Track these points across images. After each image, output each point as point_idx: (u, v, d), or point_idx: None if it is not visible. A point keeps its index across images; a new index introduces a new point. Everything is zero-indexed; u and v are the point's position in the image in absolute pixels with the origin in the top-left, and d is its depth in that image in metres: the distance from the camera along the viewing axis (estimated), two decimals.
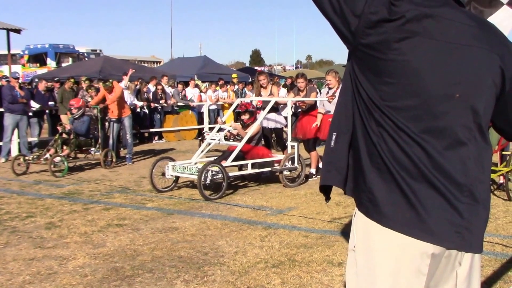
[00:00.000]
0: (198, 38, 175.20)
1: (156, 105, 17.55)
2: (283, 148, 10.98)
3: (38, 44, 33.46)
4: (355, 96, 1.93)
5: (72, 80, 15.65)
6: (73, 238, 6.44)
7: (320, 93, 11.29)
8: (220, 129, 10.27)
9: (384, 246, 1.86)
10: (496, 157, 8.55)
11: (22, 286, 4.91)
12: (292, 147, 9.83)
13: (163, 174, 9.17)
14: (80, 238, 6.42)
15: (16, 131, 13.28)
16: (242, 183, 9.99)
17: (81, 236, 6.52)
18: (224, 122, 11.38)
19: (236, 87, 20.95)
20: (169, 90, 18.71)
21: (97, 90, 13.04)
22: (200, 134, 15.83)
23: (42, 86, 15.41)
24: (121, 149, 13.85)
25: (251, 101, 10.58)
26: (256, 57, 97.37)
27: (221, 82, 20.53)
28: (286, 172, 9.71)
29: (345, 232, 6.41)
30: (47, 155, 11.14)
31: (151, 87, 17.87)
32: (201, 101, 18.89)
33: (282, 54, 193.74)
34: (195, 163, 9.26)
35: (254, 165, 9.35)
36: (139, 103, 16.97)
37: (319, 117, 9.96)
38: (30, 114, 14.00)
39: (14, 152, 13.43)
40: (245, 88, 20.50)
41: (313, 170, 10.37)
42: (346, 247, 5.61)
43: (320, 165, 10.25)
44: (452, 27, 1.82)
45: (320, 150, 10.34)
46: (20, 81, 14.20)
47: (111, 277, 5.06)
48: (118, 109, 12.32)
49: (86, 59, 32.41)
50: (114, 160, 12.20)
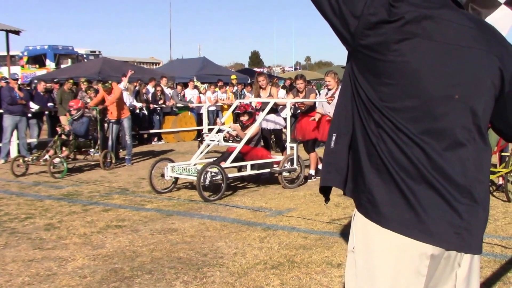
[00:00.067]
0: (197, 39, 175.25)
1: (155, 106, 17.55)
2: (282, 149, 10.98)
3: (37, 46, 33.45)
4: (354, 97, 1.93)
5: (71, 81, 15.64)
6: (72, 239, 6.44)
7: (319, 94, 11.30)
8: (219, 130, 10.28)
9: (384, 247, 1.86)
10: (495, 158, 8.57)
11: (21, 287, 4.91)
12: (291, 148, 9.84)
13: (162, 175, 9.17)
14: (79, 239, 6.42)
15: (15, 132, 13.28)
16: (241, 184, 9.99)
17: (80, 237, 6.52)
18: (223, 123, 11.38)
19: (235, 88, 20.94)
20: (168, 91, 18.71)
21: (96, 91, 13.03)
22: (199, 135, 15.82)
23: (41, 87, 15.40)
24: (120, 150, 13.85)
25: (250, 102, 10.58)
26: (255, 58, 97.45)
27: (220, 83, 20.53)
28: (285, 173, 9.71)
29: (344, 233, 6.41)
30: (47, 156, 11.14)
31: (150, 88, 17.86)
32: (200, 102, 18.86)
33: (281, 56, 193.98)
34: (194, 164, 9.26)
35: (253, 166, 9.35)
36: (138, 104, 16.96)
37: (317, 115, 9.96)
38: (29, 115, 14.01)
39: (14, 153, 13.43)
40: (244, 89, 20.52)
41: (312, 171, 10.37)
42: (345, 248, 5.61)
43: (319, 166, 10.26)
44: (451, 28, 1.82)
45: (319, 151, 10.35)
46: (19, 82, 14.21)
47: (110, 278, 5.06)
48: (117, 110, 12.32)
49: (85, 60, 32.46)
50: (113, 161, 12.21)
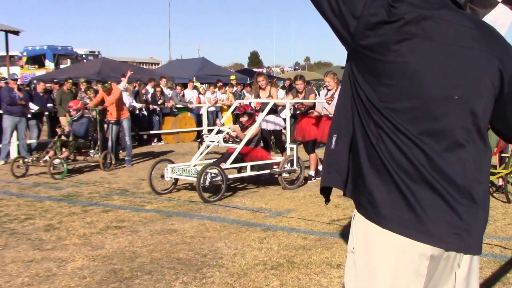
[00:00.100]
0: (196, 40, 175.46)
1: (154, 107, 17.54)
2: (282, 150, 10.97)
3: (36, 46, 33.47)
4: (354, 98, 1.93)
5: (71, 81, 15.62)
6: (72, 240, 6.43)
7: (319, 94, 11.29)
8: (219, 131, 10.27)
9: (383, 247, 1.86)
10: (495, 159, 8.57)
11: None
12: (291, 149, 9.84)
13: (162, 176, 9.18)
14: (79, 240, 6.41)
15: (15, 133, 13.27)
16: (241, 185, 9.99)
17: (80, 238, 6.52)
18: (223, 124, 11.38)
19: (235, 89, 20.93)
20: (167, 92, 18.70)
21: (96, 92, 13.03)
22: (199, 136, 15.82)
23: (40, 88, 15.40)
24: (120, 151, 13.85)
25: (250, 103, 10.58)
26: (255, 58, 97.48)
27: (220, 84, 20.53)
28: (285, 174, 9.71)
29: (344, 234, 6.41)
30: (46, 157, 11.13)
31: (150, 88, 17.85)
32: (199, 103, 18.85)
33: (280, 56, 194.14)
34: (194, 165, 9.25)
35: (253, 167, 9.35)
36: (138, 105, 16.95)
37: (315, 112, 9.98)
38: (29, 116, 14.00)
39: (13, 154, 13.43)
40: (243, 90, 20.50)
41: (312, 172, 10.37)
42: (345, 249, 5.61)
43: (319, 167, 10.27)
44: (451, 29, 1.82)
45: (319, 152, 10.35)
46: (18, 82, 14.19)
47: (110, 279, 5.06)
48: (116, 111, 12.31)
49: (85, 60, 32.47)
50: (113, 162, 12.21)
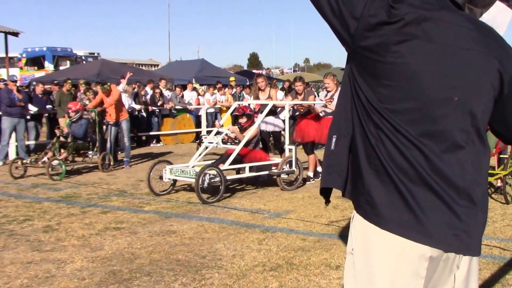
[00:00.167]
0: (196, 41, 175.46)
1: (154, 108, 17.53)
2: (281, 151, 10.97)
3: (36, 47, 33.47)
4: (353, 99, 1.93)
5: (70, 82, 15.61)
6: (71, 241, 6.43)
7: (318, 96, 11.30)
8: (218, 133, 10.27)
9: (382, 248, 1.86)
10: (493, 160, 8.57)
11: None
12: (290, 150, 9.84)
13: (161, 178, 9.17)
14: (78, 242, 6.41)
15: (13, 135, 13.27)
16: (239, 187, 9.99)
17: (79, 239, 6.51)
18: (222, 126, 11.38)
19: (234, 90, 20.93)
20: (167, 93, 18.70)
21: (95, 93, 13.02)
22: (198, 137, 15.80)
23: (39, 89, 15.39)
24: (119, 152, 13.83)
25: (249, 104, 10.58)
26: (254, 60, 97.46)
27: (219, 85, 20.51)
28: (283, 176, 9.71)
29: (343, 235, 6.41)
30: (45, 159, 11.13)
31: (149, 90, 17.85)
32: (199, 104, 18.86)
33: (280, 57, 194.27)
34: (193, 167, 9.25)
35: (251, 169, 9.35)
36: (137, 106, 16.94)
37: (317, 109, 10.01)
38: (28, 117, 13.99)
39: (12, 155, 13.41)
40: (243, 91, 20.50)
41: (310, 174, 10.37)
42: (344, 250, 5.61)
43: (318, 169, 10.27)
44: (451, 30, 1.82)
45: (318, 153, 10.35)
46: (18, 84, 14.18)
47: (109, 280, 5.06)
48: (116, 113, 12.31)
49: (84, 62, 32.47)
50: (111, 163, 12.20)
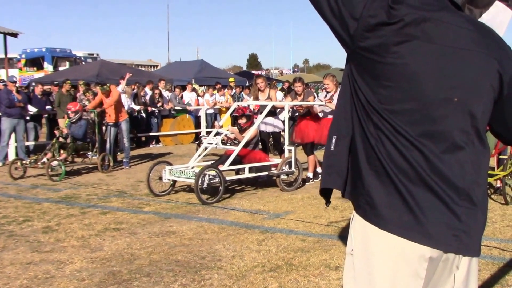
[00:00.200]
0: (195, 42, 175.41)
1: (153, 109, 17.52)
2: (281, 152, 10.98)
3: (35, 48, 33.48)
4: (353, 99, 1.93)
5: (69, 82, 15.59)
6: (70, 242, 6.43)
7: (317, 96, 11.30)
8: (217, 133, 10.27)
9: (382, 249, 1.86)
10: (493, 161, 8.57)
11: None
12: (289, 151, 9.84)
13: (160, 178, 9.16)
14: (77, 242, 6.41)
15: (13, 135, 13.26)
16: (239, 187, 9.99)
17: (78, 240, 6.51)
18: (221, 126, 11.38)
19: (234, 91, 20.94)
20: (166, 94, 18.69)
21: (95, 94, 13.02)
22: (197, 138, 15.80)
23: (38, 90, 15.39)
24: (118, 153, 13.83)
25: (248, 105, 10.58)
26: (253, 61, 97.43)
27: (219, 86, 20.50)
28: (283, 176, 9.71)
29: (342, 236, 6.41)
30: (45, 159, 11.12)
31: (148, 91, 17.85)
32: (198, 105, 18.86)
33: (279, 58, 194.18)
34: (192, 167, 9.25)
35: (251, 169, 9.35)
36: (137, 107, 16.93)
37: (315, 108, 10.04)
38: (27, 118, 13.99)
39: (11, 156, 13.40)
40: (242, 92, 20.50)
41: (310, 174, 10.37)
42: (343, 251, 5.61)
43: (317, 169, 10.27)
44: (450, 31, 1.82)
45: (318, 154, 10.35)
46: (17, 85, 14.18)
47: (108, 281, 5.06)
48: (115, 113, 12.31)
49: (83, 63, 32.46)
50: (111, 164, 12.20)
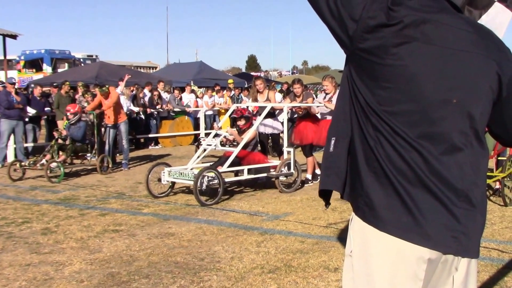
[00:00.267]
0: (194, 44, 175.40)
1: (152, 110, 17.53)
2: (280, 153, 10.98)
3: (34, 50, 33.45)
4: (352, 101, 1.93)
5: (68, 83, 15.58)
6: (69, 243, 6.42)
7: (316, 98, 11.31)
8: (216, 135, 10.27)
9: (381, 250, 1.86)
10: (492, 163, 8.58)
11: None
12: (288, 152, 9.84)
13: (159, 180, 9.17)
14: (76, 244, 6.40)
15: (12, 137, 13.25)
16: (238, 189, 9.99)
17: (77, 241, 6.51)
18: (220, 128, 11.37)
19: (232, 92, 20.94)
20: (165, 95, 18.70)
21: (94, 95, 13.02)
22: (196, 139, 15.80)
23: (37, 91, 15.38)
24: (117, 154, 13.83)
25: (247, 107, 10.58)
26: (252, 62, 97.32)
27: (217, 88, 20.49)
28: (282, 178, 9.71)
29: (341, 237, 6.41)
30: (43, 161, 11.12)
31: (147, 92, 17.85)
32: (197, 106, 18.85)
33: (278, 60, 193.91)
34: (191, 169, 9.25)
35: (250, 171, 9.35)
36: (135, 109, 16.94)
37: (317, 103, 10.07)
38: (26, 119, 13.98)
39: (10, 157, 13.39)
40: (241, 94, 20.50)
41: (309, 176, 10.37)
42: (342, 253, 5.61)
43: (316, 171, 10.27)
44: (450, 32, 1.82)
45: (317, 155, 10.36)
46: (16, 86, 14.17)
47: (107, 283, 5.05)
48: (114, 115, 12.31)
49: (82, 64, 32.42)
50: (110, 165, 12.19)
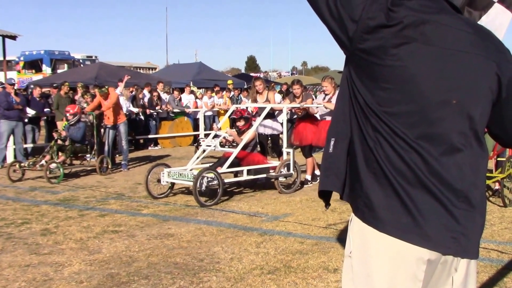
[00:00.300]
0: (193, 44, 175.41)
1: (151, 111, 17.54)
2: (279, 154, 10.98)
3: (33, 51, 33.46)
4: (352, 102, 1.93)
5: (67, 84, 15.58)
6: (69, 244, 6.42)
7: (316, 98, 11.32)
8: (216, 136, 10.28)
9: (381, 251, 1.86)
10: (491, 163, 8.58)
11: None
12: (288, 153, 9.84)
13: (159, 181, 9.17)
14: (76, 245, 6.40)
15: (11, 138, 13.25)
16: (237, 190, 9.99)
17: (77, 242, 6.51)
18: (220, 129, 11.37)
19: (232, 93, 20.94)
20: (164, 96, 18.70)
21: (93, 96, 13.02)
22: (196, 140, 15.81)
23: (37, 92, 15.38)
24: (117, 155, 13.82)
25: (247, 108, 10.58)
26: (252, 63, 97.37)
27: (217, 89, 20.49)
28: (281, 179, 9.71)
29: (341, 238, 6.41)
30: (43, 162, 11.12)
31: (147, 93, 17.85)
32: (196, 107, 18.84)
33: (277, 61, 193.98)
34: (191, 170, 9.26)
35: (249, 172, 9.35)
36: (135, 110, 16.94)
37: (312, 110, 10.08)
38: (26, 120, 13.98)
39: (10, 158, 13.39)
40: (240, 95, 20.50)
41: (308, 177, 10.37)
42: (341, 253, 5.61)
43: (316, 172, 10.27)
44: (449, 33, 1.82)
45: (317, 156, 10.35)
46: (15, 87, 14.18)
47: (107, 284, 5.05)
48: (113, 116, 12.31)
49: (82, 65, 32.42)
50: (109, 166, 12.19)
